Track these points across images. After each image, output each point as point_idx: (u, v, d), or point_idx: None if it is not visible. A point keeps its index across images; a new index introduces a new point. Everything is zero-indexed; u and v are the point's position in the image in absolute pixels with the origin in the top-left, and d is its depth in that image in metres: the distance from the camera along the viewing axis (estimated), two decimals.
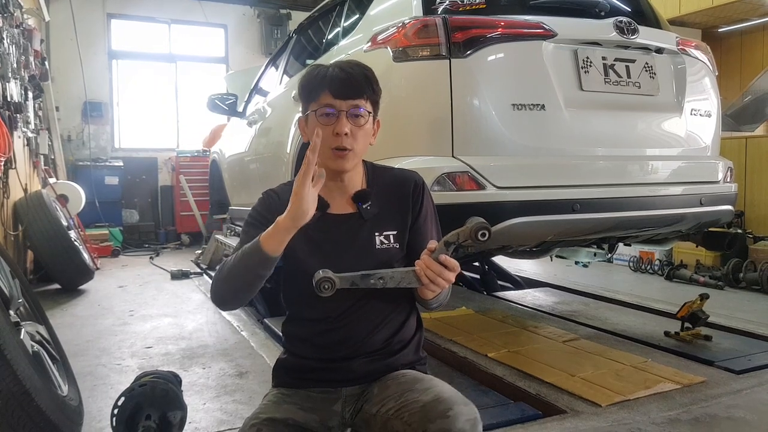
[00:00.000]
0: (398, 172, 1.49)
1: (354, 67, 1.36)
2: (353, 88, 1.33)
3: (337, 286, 1.22)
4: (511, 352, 2.84)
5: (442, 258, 1.20)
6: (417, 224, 1.43)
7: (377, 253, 1.38)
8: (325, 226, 1.38)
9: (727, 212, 2.79)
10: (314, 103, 1.35)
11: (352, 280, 1.24)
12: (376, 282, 1.24)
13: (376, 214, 1.40)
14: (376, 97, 1.39)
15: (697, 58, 2.82)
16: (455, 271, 1.22)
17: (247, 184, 4.42)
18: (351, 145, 1.33)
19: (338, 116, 1.32)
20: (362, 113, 1.34)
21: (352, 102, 1.32)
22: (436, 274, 1.21)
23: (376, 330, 1.38)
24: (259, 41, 8.69)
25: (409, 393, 1.26)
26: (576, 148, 2.43)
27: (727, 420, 2.12)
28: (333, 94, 1.32)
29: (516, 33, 2.37)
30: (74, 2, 7.37)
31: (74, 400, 2.09)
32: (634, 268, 5.52)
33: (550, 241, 2.59)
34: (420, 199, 1.44)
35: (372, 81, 1.36)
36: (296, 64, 3.84)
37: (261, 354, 3.01)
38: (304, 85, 1.38)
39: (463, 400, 1.21)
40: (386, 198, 1.42)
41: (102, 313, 3.99)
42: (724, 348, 2.93)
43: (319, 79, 1.34)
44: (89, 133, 7.75)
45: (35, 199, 4.69)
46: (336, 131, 1.31)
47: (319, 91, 1.33)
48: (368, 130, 1.37)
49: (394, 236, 1.40)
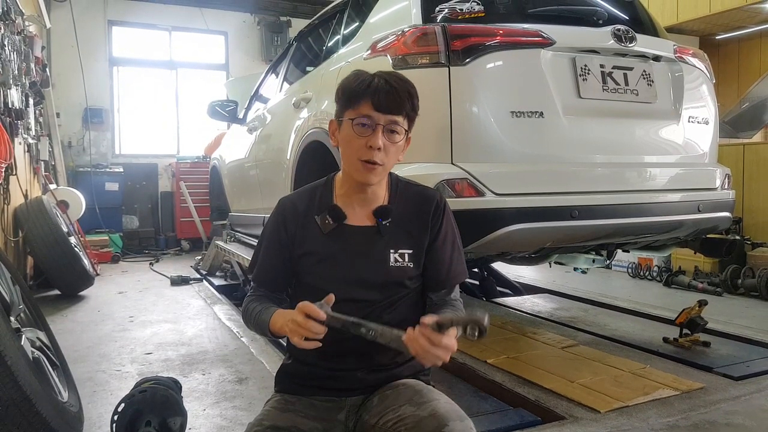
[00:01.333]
0: (421, 190, 1.46)
1: (399, 82, 1.32)
2: (395, 103, 1.29)
3: (326, 323, 1.21)
4: (510, 358, 2.84)
5: (434, 338, 1.14)
6: (435, 246, 1.40)
7: (390, 270, 1.36)
8: (340, 237, 1.37)
9: (725, 219, 2.80)
10: (352, 111, 1.31)
11: (343, 323, 1.22)
12: (366, 333, 1.21)
13: (394, 231, 1.38)
14: (414, 116, 1.35)
15: (695, 65, 2.84)
16: (448, 350, 1.16)
17: (247, 191, 4.43)
18: (382, 160, 1.30)
19: (375, 129, 1.29)
20: (399, 130, 1.31)
21: (392, 117, 1.30)
22: (424, 349, 1.14)
23: (385, 345, 1.38)
24: (259, 48, 8.72)
25: (407, 406, 1.26)
26: (574, 155, 2.45)
27: (725, 426, 2.12)
28: (374, 106, 1.28)
29: (514, 41, 2.39)
30: (75, 9, 7.41)
31: (74, 406, 2.09)
32: (633, 274, 5.53)
33: (548, 248, 2.60)
34: (439, 221, 1.41)
35: (414, 98, 1.33)
36: (296, 71, 3.86)
37: (261, 360, 3.01)
38: (344, 89, 1.34)
39: (458, 416, 1.20)
40: (406, 216, 1.40)
41: (102, 319, 3.99)
42: (722, 354, 2.93)
43: (363, 87, 1.30)
44: (90, 140, 7.76)
45: (36, 205, 4.70)
46: (370, 144, 1.29)
47: (360, 99, 1.30)
48: (400, 147, 1.34)
49: (409, 255, 1.37)
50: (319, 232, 1.38)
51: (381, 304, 1.37)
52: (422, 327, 1.15)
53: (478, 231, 2.21)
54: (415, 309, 1.43)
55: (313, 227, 1.39)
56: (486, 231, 2.21)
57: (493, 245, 2.28)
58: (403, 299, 1.39)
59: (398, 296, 1.38)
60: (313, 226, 1.39)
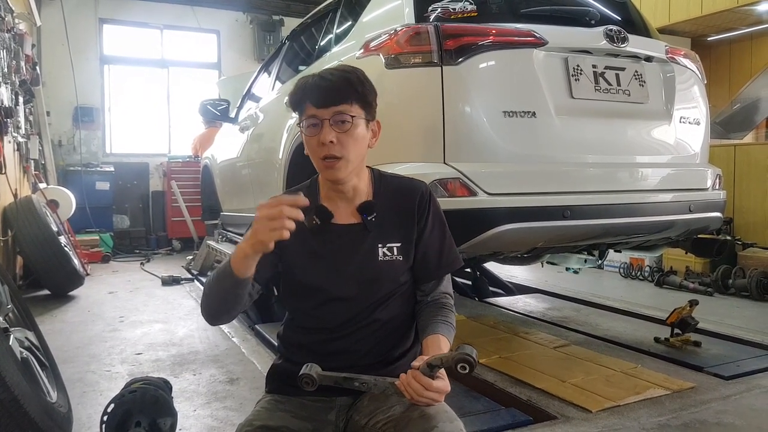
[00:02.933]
0: (405, 182, 1.45)
1: (334, 73, 1.32)
2: (332, 96, 1.29)
3: (317, 383, 1.20)
4: (502, 358, 2.84)
5: (425, 381, 1.14)
6: (423, 237, 1.40)
7: (380, 265, 1.35)
8: (327, 237, 1.36)
9: (716, 219, 2.82)
10: (302, 116, 1.33)
11: (335, 380, 1.20)
12: (360, 386, 1.20)
13: (381, 225, 1.37)
14: (367, 99, 1.33)
15: (686, 66, 2.85)
16: (441, 392, 1.16)
17: (239, 190, 4.41)
18: (340, 152, 1.29)
19: (321, 125, 1.29)
20: (346, 119, 1.30)
21: (335, 109, 1.29)
22: (418, 394, 1.14)
23: (376, 342, 1.37)
24: (251, 47, 8.69)
25: (397, 407, 1.25)
26: (566, 155, 2.45)
27: (716, 425, 2.13)
28: (314, 104, 1.29)
29: (507, 41, 2.39)
30: (66, 7, 7.35)
31: (63, 407, 2.07)
32: (625, 274, 5.55)
33: (540, 248, 2.60)
34: (426, 212, 1.40)
35: (355, 83, 1.31)
36: (289, 70, 3.85)
37: (252, 360, 3.00)
38: (290, 99, 1.35)
39: (448, 417, 1.20)
40: (392, 209, 1.39)
41: (92, 320, 3.96)
42: (713, 354, 2.95)
43: (300, 92, 1.32)
44: (80, 138, 7.71)
45: (25, 205, 4.66)
46: (321, 141, 1.29)
47: (302, 104, 1.32)
48: (359, 135, 1.32)
49: (398, 248, 1.37)
50: (306, 232, 1.37)
51: (371, 303, 1.36)
52: (413, 372, 1.16)
53: (471, 231, 2.21)
54: (406, 305, 1.42)
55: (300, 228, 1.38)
56: (478, 231, 2.21)
57: (486, 245, 2.28)
58: (393, 296, 1.38)
59: (389, 293, 1.37)
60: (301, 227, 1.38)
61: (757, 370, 2.70)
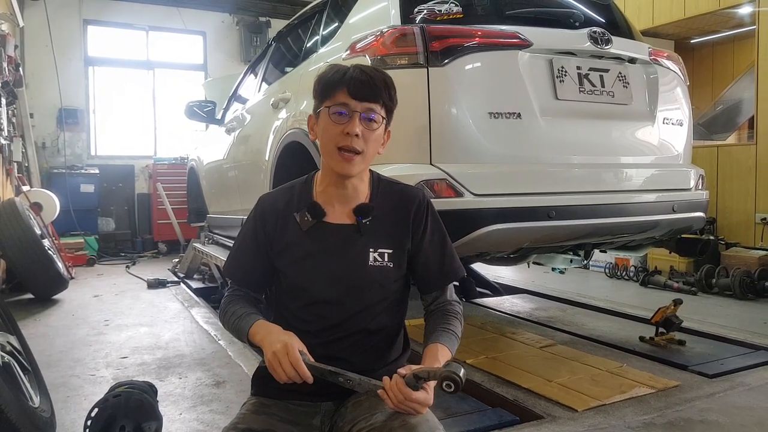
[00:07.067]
0: (403, 188, 1.44)
1: (374, 72, 1.32)
2: (371, 91, 1.29)
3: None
4: (489, 359, 2.85)
5: (405, 392, 1.15)
6: (422, 246, 1.38)
7: (369, 270, 1.34)
8: (320, 235, 1.35)
9: (699, 219, 2.85)
10: (329, 101, 1.31)
11: (322, 372, 1.21)
12: (344, 382, 1.20)
13: (374, 230, 1.35)
14: (392, 106, 1.35)
15: (669, 68, 2.88)
16: (422, 405, 1.17)
17: (226, 192, 4.39)
18: (361, 147, 1.29)
19: (351, 116, 1.28)
20: (376, 118, 1.30)
21: (368, 105, 1.29)
22: (399, 401, 1.15)
23: (362, 352, 1.35)
24: (238, 48, 8.66)
25: (378, 414, 1.24)
26: (551, 156, 2.47)
27: (700, 423, 2.15)
28: (350, 94, 1.28)
29: (492, 42, 2.40)
30: (50, 8, 7.28)
31: (46, 412, 2.05)
32: (610, 274, 5.59)
33: (526, 248, 2.61)
34: (423, 221, 1.39)
35: (390, 88, 1.33)
36: (275, 71, 3.83)
37: (239, 363, 2.98)
38: (321, 80, 1.33)
39: (429, 427, 1.19)
40: (387, 215, 1.38)
41: (76, 323, 3.92)
42: (697, 352, 2.98)
43: (339, 76, 1.30)
44: (64, 141, 7.63)
45: (8, 208, 4.60)
46: (347, 131, 1.28)
47: (336, 89, 1.29)
48: (379, 137, 1.33)
49: (389, 255, 1.35)
50: (298, 229, 1.37)
51: (359, 310, 1.34)
52: (397, 379, 1.16)
53: (457, 231, 2.21)
54: (396, 317, 1.41)
55: (292, 224, 1.37)
56: (465, 231, 2.22)
57: (472, 245, 2.29)
58: (382, 305, 1.37)
59: (377, 300, 1.36)
60: (293, 224, 1.37)
61: (741, 368, 2.74)
